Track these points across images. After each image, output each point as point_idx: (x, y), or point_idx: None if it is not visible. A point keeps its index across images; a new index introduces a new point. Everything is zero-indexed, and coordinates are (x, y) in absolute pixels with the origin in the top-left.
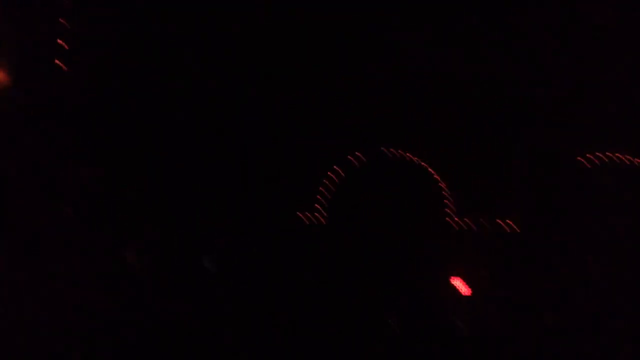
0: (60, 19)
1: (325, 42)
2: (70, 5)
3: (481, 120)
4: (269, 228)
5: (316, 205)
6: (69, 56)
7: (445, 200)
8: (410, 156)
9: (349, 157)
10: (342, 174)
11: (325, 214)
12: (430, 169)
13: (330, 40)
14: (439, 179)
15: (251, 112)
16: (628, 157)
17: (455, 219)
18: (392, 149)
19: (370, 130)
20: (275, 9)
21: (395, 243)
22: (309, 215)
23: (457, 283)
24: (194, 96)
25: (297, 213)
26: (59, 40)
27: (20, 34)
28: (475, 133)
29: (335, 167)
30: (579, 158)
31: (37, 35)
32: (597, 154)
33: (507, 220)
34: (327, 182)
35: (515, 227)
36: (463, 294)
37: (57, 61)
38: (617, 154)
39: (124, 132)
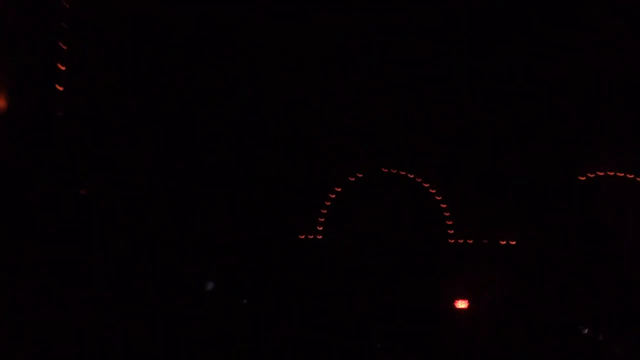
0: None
1: (327, 57)
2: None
3: (480, 138)
4: (267, 241)
5: (314, 220)
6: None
7: (444, 220)
8: (410, 175)
9: (349, 177)
10: (339, 190)
11: (322, 230)
12: (427, 186)
13: (332, 55)
14: (438, 196)
15: (255, 128)
16: (629, 175)
17: (454, 238)
18: (392, 169)
19: (370, 150)
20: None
21: (393, 260)
22: (306, 230)
23: (459, 301)
24: (199, 113)
25: (295, 228)
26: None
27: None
28: (475, 151)
29: (334, 185)
30: (580, 177)
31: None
32: (598, 173)
33: (507, 238)
34: (326, 200)
35: (514, 243)
36: (463, 310)
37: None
38: (618, 173)
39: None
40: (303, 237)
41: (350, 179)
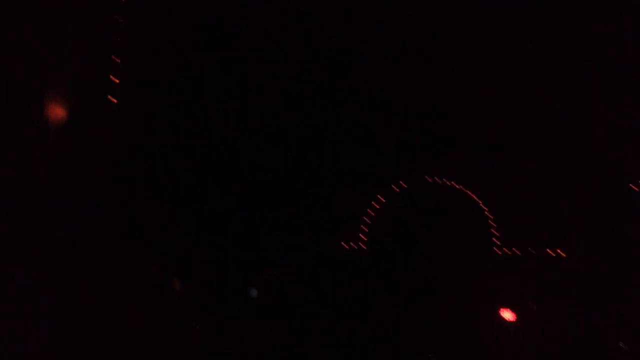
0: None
1: (365, 69)
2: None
3: (528, 146)
4: (310, 253)
5: (358, 231)
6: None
7: (491, 229)
8: (455, 184)
9: (392, 185)
10: (384, 200)
11: (366, 240)
12: (472, 196)
13: (371, 67)
14: (484, 206)
15: (294, 140)
16: None
17: (500, 248)
18: (436, 178)
19: (414, 158)
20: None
21: (438, 270)
22: (350, 242)
23: (506, 313)
24: (240, 128)
25: (338, 239)
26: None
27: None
28: (522, 159)
29: (378, 194)
30: (631, 185)
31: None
32: None
33: (555, 249)
34: (369, 209)
35: (562, 254)
36: (510, 323)
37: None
38: None
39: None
40: (347, 247)
41: (394, 188)
